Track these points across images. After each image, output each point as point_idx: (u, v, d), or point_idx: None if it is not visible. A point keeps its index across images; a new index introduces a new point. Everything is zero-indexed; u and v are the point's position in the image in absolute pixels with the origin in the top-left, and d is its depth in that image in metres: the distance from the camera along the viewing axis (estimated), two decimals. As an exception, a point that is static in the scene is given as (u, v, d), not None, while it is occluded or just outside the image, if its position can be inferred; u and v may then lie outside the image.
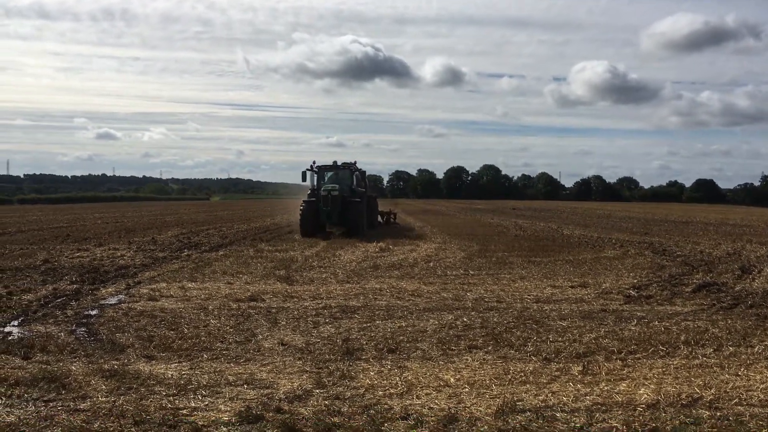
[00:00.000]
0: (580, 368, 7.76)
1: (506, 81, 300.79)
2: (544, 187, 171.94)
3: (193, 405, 6.46)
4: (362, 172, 32.46)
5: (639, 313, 11.17)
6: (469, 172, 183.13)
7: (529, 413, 6.27)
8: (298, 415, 6.18)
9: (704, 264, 17.91)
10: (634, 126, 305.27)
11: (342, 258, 19.26)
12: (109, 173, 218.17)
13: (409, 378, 7.39)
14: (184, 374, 7.48)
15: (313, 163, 30.04)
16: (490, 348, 8.77)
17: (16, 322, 10.25)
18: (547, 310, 11.47)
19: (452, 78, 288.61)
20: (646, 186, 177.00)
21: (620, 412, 6.31)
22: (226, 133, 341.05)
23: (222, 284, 14.12)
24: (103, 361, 7.96)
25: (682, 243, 25.19)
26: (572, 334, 9.56)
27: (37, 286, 13.64)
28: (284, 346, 8.79)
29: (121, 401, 6.51)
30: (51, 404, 6.44)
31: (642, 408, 6.43)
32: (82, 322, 10.28)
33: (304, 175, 29.72)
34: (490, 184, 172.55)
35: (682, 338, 9.24)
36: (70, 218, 43.84)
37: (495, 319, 10.57)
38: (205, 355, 8.32)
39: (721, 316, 10.96)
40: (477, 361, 8.13)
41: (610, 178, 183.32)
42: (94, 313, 11.01)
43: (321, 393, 6.86)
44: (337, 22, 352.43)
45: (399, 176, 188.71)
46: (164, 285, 13.93)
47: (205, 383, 7.14)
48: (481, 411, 6.35)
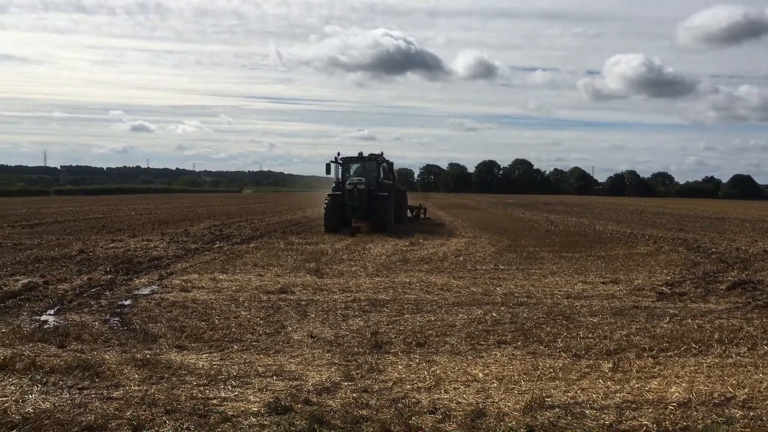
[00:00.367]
0: (611, 365, 7.68)
1: (539, 74, 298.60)
2: (577, 182, 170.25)
3: (223, 395, 6.54)
4: (389, 164, 30.84)
5: (672, 311, 11.01)
6: (501, 167, 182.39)
7: (558, 409, 6.23)
8: (327, 407, 6.22)
9: (740, 261, 17.58)
10: (670, 120, 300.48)
11: (371, 251, 19.31)
12: (144, 165, 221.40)
13: (438, 372, 7.39)
14: (215, 365, 7.57)
15: (338, 155, 28.49)
16: (519, 343, 8.72)
17: (52, 311, 10.48)
18: (577, 306, 11.36)
19: (484, 71, 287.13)
20: (682, 182, 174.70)
21: (651, 411, 6.24)
22: (258, 126, 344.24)
23: (253, 276, 14.26)
24: (135, 350, 8.10)
25: (718, 240, 24.75)
26: (603, 331, 9.45)
27: (73, 276, 13.92)
28: (313, 339, 8.85)
29: (153, 390, 6.62)
30: (85, 392, 6.57)
31: (673, 406, 6.34)
32: (115, 311, 10.47)
33: (328, 167, 28.25)
34: (522, 179, 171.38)
35: (716, 336, 9.08)
36: (105, 209, 44.63)
37: (525, 315, 10.51)
38: (236, 346, 8.42)
39: (756, 315, 10.74)
40: (506, 357, 8.09)
41: (645, 173, 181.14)
42: (127, 303, 11.20)
43: (349, 386, 6.89)
44: (370, 15, 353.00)
45: (430, 170, 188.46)
46: (196, 276, 14.12)
47: (235, 374, 7.22)
48: (509, 406, 6.32)
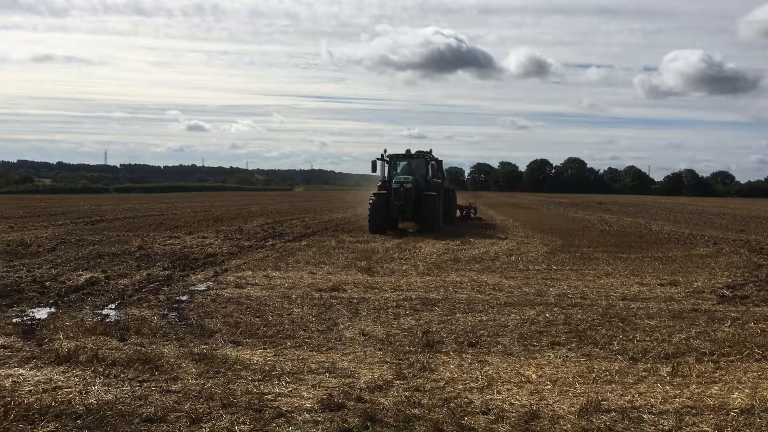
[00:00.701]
0: (669, 369, 7.50)
1: (593, 71, 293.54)
2: (632, 181, 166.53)
3: (277, 391, 6.63)
4: (438, 162, 29.34)
5: (733, 314, 10.67)
6: (553, 165, 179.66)
7: (614, 413, 6.11)
8: (379, 405, 6.25)
9: (806, 264, 16.92)
10: (730, 118, 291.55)
11: (422, 250, 19.28)
12: (199, 164, 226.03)
13: (490, 372, 7.34)
14: (269, 360, 7.69)
15: (384, 152, 27.12)
16: (573, 345, 8.59)
17: (113, 306, 10.79)
18: (633, 308, 11.12)
19: (537, 69, 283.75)
20: (743, 181, 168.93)
21: (711, 417, 6.07)
22: (309, 125, 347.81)
23: (305, 274, 14.41)
24: (193, 344, 8.28)
25: (782, 241, 23.87)
26: (661, 334, 9.23)
27: (132, 272, 14.32)
28: (365, 337, 8.89)
29: (209, 384, 6.76)
30: (145, 384, 6.75)
31: (735, 413, 6.15)
32: (173, 306, 10.72)
33: (374, 164, 26.89)
34: (575, 178, 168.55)
35: (781, 342, 8.77)
36: (163, 207, 45.76)
37: (579, 316, 10.34)
38: (289, 343, 8.52)
39: (824, 320, 10.33)
40: (560, 358, 7.98)
41: (703, 172, 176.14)
42: (184, 298, 11.46)
43: (401, 384, 6.91)
44: (421, 14, 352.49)
45: (480, 169, 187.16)
46: (250, 273, 14.35)
47: (288, 370, 7.32)
48: (563, 409, 6.24)
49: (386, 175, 27.01)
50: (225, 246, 19.86)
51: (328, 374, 7.22)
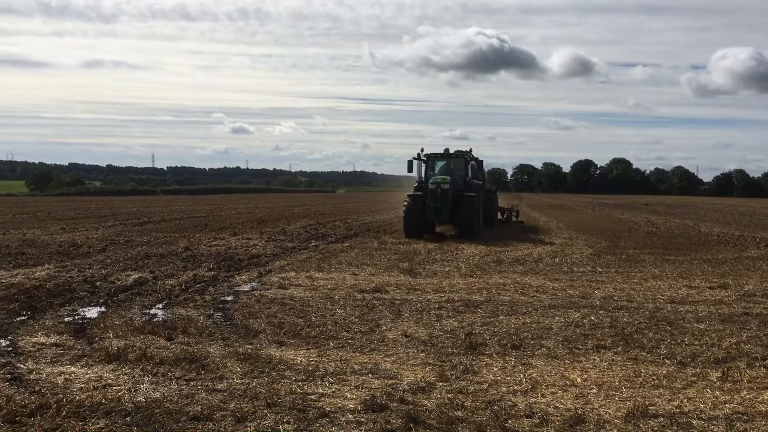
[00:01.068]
0: (719, 374, 7.31)
1: (639, 70, 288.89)
2: (680, 182, 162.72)
3: (321, 391, 6.68)
4: (479, 162, 27.75)
5: (786, 319, 10.36)
6: (598, 166, 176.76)
7: (662, 419, 5.99)
8: (422, 407, 6.24)
9: None
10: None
11: (465, 252, 19.20)
12: (243, 166, 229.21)
13: (534, 375, 7.27)
14: (312, 361, 7.75)
15: (421, 151, 25.62)
16: (619, 349, 8.44)
17: (161, 305, 11.01)
18: (682, 311, 10.88)
19: (581, 68, 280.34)
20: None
21: (763, 423, 5.90)
22: (351, 127, 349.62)
23: (347, 275, 14.48)
24: (237, 344, 8.40)
25: (838, 243, 23.06)
26: (710, 338, 9.01)
27: (179, 272, 14.59)
28: (407, 338, 8.89)
29: (254, 384, 6.85)
30: (192, 383, 6.88)
31: (789, 420, 5.97)
32: (218, 307, 10.89)
33: (410, 164, 25.30)
34: (620, 179, 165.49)
35: (838, 347, 8.48)
36: (208, 209, 46.52)
37: (625, 319, 10.16)
38: (332, 344, 8.57)
39: None
40: (605, 362, 7.85)
41: (754, 172, 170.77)
42: (229, 299, 11.63)
43: (444, 386, 6.89)
44: (463, 14, 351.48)
45: (523, 170, 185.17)
46: (293, 274, 14.48)
47: (331, 371, 7.36)
48: (609, 413, 6.14)
49: (423, 175, 25.62)
50: (269, 247, 20.10)
51: (370, 375, 7.25)
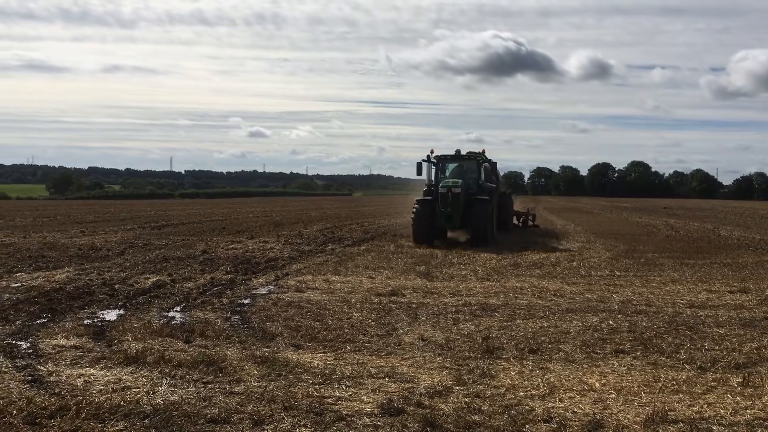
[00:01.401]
0: (740, 380, 7.23)
1: (658, 72, 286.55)
2: (699, 185, 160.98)
3: (338, 394, 6.69)
4: (492, 164, 26.46)
5: (809, 323, 10.21)
6: (616, 169, 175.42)
7: (681, 424, 5.93)
8: (439, 411, 6.22)
9: None
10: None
11: (481, 255, 19.13)
12: (260, 170, 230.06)
13: (552, 380, 7.22)
14: (329, 364, 7.75)
15: (431, 153, 24.25)
16: (638, 353, 8.37)
17: (179, 308, 11.08)
18: (702, 316, 10.77)
19: (598, 71, 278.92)
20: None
21: (786, 430, 5.82)
22: (368, 130, 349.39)
23: (364, 278, 14.49)
24: (255, 347, 8.43)
25: None
26: (731, 343, 8.91)
27: (197, 275, 14.68)
28: (424, 342, 8.87)
29: (271, 387, 6.86)
30: (209, 386, 6.91)
31: (812, 427, 5.88)
32: (236, 310, 10.94)
33: (419, 167, 24.04)
34: (639, 182, 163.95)
35: None
36: (226, 212, 46.76)
37: (644, 324, 10.08)
38: (349, 347, 8.58)
39: None
40: (624, 367, 7.79)
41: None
42: (246, 302, 11.68)
43: (461, 390, 6.87)
44: (479, 18, 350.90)
45: (540, 173, 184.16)
46: (310, 277, 14.52)
47: (348, 374, 7.37)
48: (629, 419, 6.08)
49: (433, 178, 24.27)
50: (286, 250, 20.16)
51: (387, 379, 7.24)
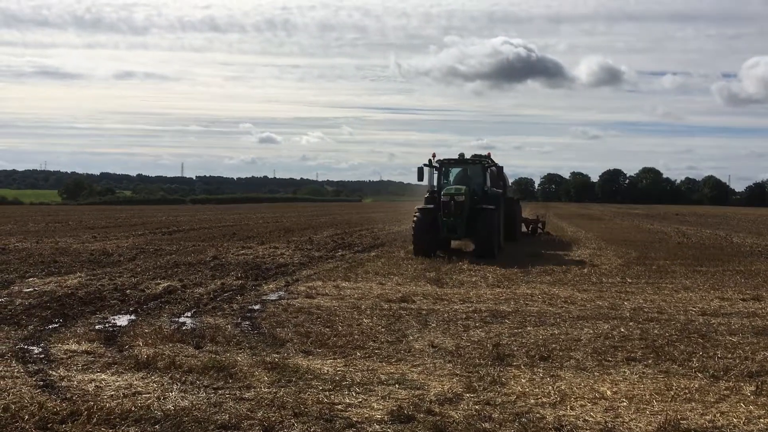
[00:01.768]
0: (753, 388, 7.16)
1: (669, 79, 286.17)
2: (711, 192, 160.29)
3: (348, 401, 6.67)
4: (499, 168, 24.49)
5: (823, 332, 10.11)
6: (627, 175, 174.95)
7: (694, 433, 5.88)
8: (449, 418, 6.20)
9: None
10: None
11: (491, 262, 19.06)
12: (270, 175, 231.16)
13: (563, 388, 7.18)
14: (339, 371, 7.75)
15: (433, 157, 22.36)
16: (650, 361, 8.31)
17: (189, 314, 11.11)
18: (714, 323, 10.68)
19: (609, 77, 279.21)
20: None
21: (801, 440, 5.76)
22: (378, 137, 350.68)
23: (374, 284, 14.47)
24: (265, 353, 8.43)
25: None
26: (743, 351, 8.84)
27: (207, 281, 14.72)
28: (434, 348, 8.85)
29: (281, 393, 6.86)
30: (219, 392, 6.91)
31: (827, 437, 5.82)
32: (246, 315, 10.95)
33: (420, 172, 22.37)
34: (650, 188, 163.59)
35: None
36: (236, 218, 46.89)
37: (656, 331, 10.01)
38: (359, 353, 8.57)
39: None
40: (636, 375, 7.74)
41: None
42: (256, 307, 11.69)
43: (471, 397, 6.84)
44: (489, 24, 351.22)
45: (551, 179, 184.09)
46: (320, 283, 14.52)
47: (358, 380, 7.36)
48: (640, 427, 6.04)
49: (435, 184, 22.70)
50: (296, 256, 20.18)
51: (397, 385, 7.22)
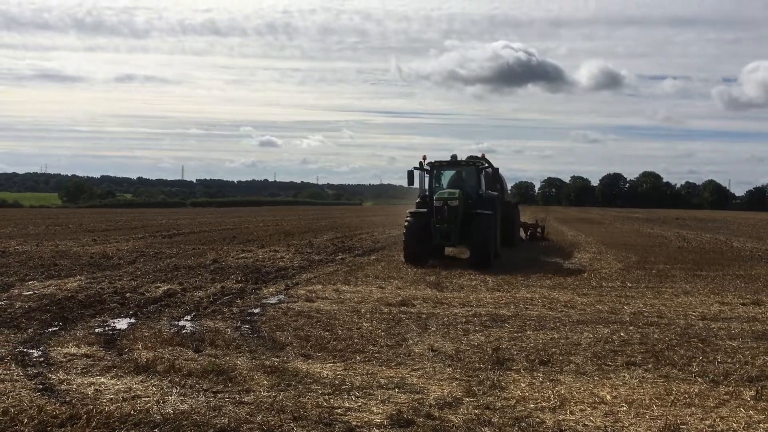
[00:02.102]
0: (753, 393, 7.16)
1: (669, 83, 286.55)
2: (711, 196, 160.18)
3: (347, 405, 6.67)
4: (494, 170, 23.30)
5: (823, 337, 10.10)
6: (627, 179, 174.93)
7: (693, 438, 5.88)
8: (449, 423, 6.20)
9: None
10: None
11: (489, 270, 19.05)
12: (271, 179, 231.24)
13: (562, 392, 7.18)
14: (339, 374, 7.74)
15: (423, 159, 21.30)
16: (650, 366, 8.31)
17: (189, 317, 11.10)
18: (714, 328, 10.68)
19: (609, 81, 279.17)
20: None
21: (801, 445, 5.75)
22: (378, 140, 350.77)
23: (374, 288, 14.47)
24: (264, 357, 8.43)
25: None
26: (743, 356, 8.83)
27: (207, 284, 14.71)
28: (434, 352, 8.84)
29: (281, 397, 6.86)
30: (219, 396, 6.91)
31: (827, 442, 5.81)
32: (246, 319, 10.95)
33: (410, 175, 21.19)
34: (650, 192, 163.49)
35: None
36: (236, 221, 46.89)
37: (655, 336, 10.00)
38: (358, 357, 8.56)
39: None
40: (636, 379, 7.73)
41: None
42: (256, 311, 11.68)
43: (471, 401, 6.83)
44: (490, 28, 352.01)
45: (551, 183, 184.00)
46: (320, 287, 14.52)
47: (358, 384, 7.35)
48: (640, 432, 6.04)
49: (428, 188, 21.61)
50: (296, 260, 20.19)
51: (397, 390, 7.22)
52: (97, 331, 9.85)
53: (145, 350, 8.65)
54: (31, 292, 13.16)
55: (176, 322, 10.64)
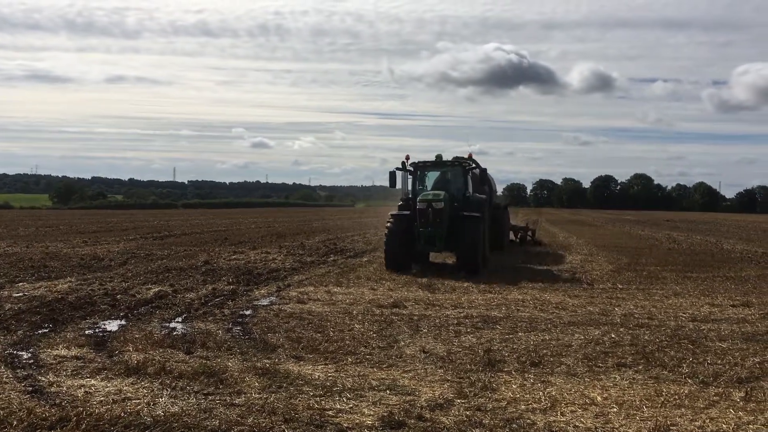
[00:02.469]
0: (743, 394, 7.20)
1: (660, 85, 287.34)
2: (702, 198, 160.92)
3: (338, 407, 6.66)
4: (482, 171, 21.99)
5: (812, 338, 10.17)
6: (618, 182, 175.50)
7: (683, 439, 5.90)
8: (440, 424, 6.20)
9: None
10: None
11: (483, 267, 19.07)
12: (263, 180, 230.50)
13: (553, 393, 7.20)
14: (330, 376, 7.74)
15: (406, 159, 19.98)
16: (640, 367, 8.34)
17: (180, 319, 11.07)
18: (704, 329, 10.73)
19: (601, 83, 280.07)
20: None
21: (789, 446, 5.79)
22: (370, 142, 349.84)
23: (366, 290, 14.47)
24: (256, 359, 8.41)
25: None
26: (733, 357, 8.88)
27: (199, 286, 14.67)
28: (426, 354, 8.85)
29: (272, 399, 6.85)
30: (210, 397, 6.89)
31: (815, 443, 5.85)
32: (237, 321, 10.92)
33: (392, 176, 19.90)
34: (641, 194, 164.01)
35: None
36: (228, 223, 46.79)
37: (646, 337, 10.05)
38: (350, 359, 8.56)
39: None
40: (626, 380, 7.76)
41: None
42: (248, 313, 11.66)
43: (462, 403, 6.84)
44: (482, 30, 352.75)
45: (543, 185, 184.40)
46: (312, 289, 14.50)
47: (349, 386, 7.35)
48: (630, 433, 6.06)
49: (410, 189, 20.02)
50: (287, 261, 20.16)
51: (388, 391, 7.22)
52: (87, 332, 9.80)
53: (136, 352, 8.62)
54: (21, 294, 13.09)
55: (167, 324, 10.60)
